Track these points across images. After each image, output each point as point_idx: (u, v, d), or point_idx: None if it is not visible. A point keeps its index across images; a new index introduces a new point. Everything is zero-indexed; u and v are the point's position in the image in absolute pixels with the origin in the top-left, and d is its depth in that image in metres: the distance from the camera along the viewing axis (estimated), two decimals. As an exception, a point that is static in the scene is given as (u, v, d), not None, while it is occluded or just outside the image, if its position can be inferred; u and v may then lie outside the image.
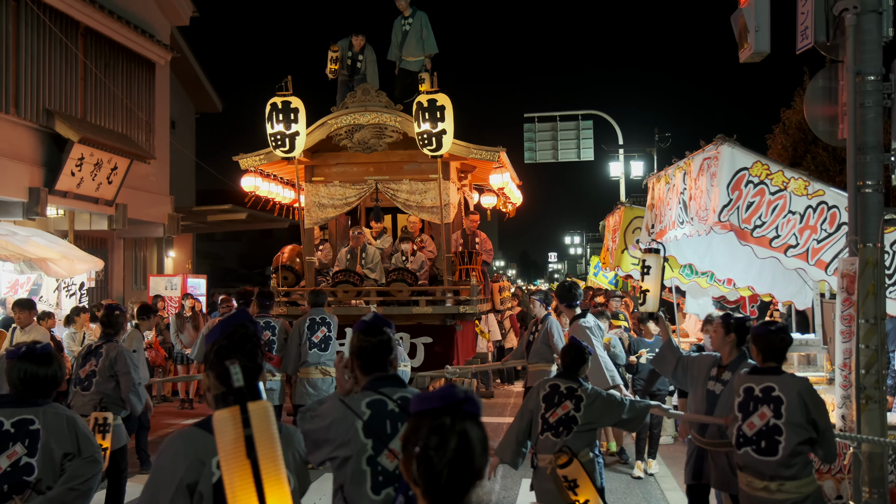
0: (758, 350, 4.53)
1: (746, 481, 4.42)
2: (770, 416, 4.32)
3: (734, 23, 5.84)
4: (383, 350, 3.28)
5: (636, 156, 25.19)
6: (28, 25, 12.69)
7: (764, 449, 4.31)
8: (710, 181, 5.76)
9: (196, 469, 2.51)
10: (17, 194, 12.29)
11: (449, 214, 10.70)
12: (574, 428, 4.82)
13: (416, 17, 11.43)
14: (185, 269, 19.51)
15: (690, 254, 7.61)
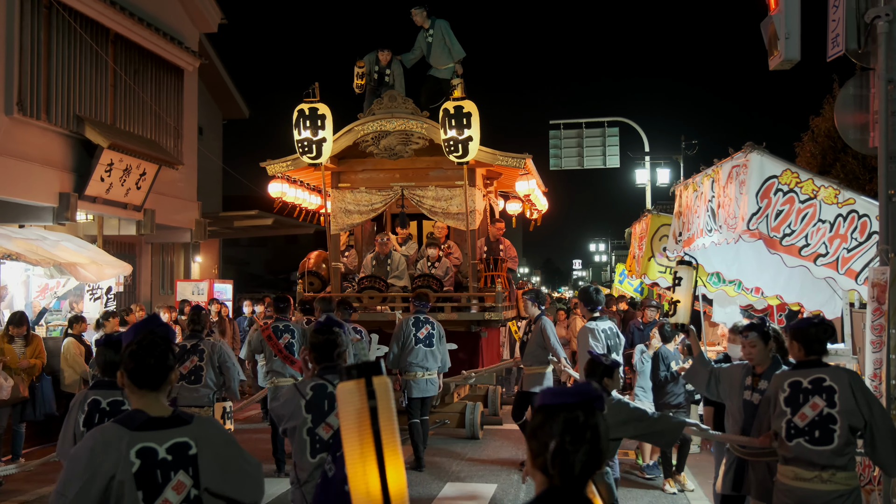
0: (799, 345, 4.54)
1: (794, 474, 4.41)
2: (823, 405, 4.33)
3: (764, 30, 5.80)
4: (330, 345, 4.05)
5: (662, 163, 25.06)
6: (59, 32, 12.86)
7: (818, 438, 4.32)
8: (739, 189, 5.71)
9: (115, 461, 2.74)
10: (48, 199, 12.44)
11: (474, 221, 10.71)
12: None
13: (436, 27, 11.47)
14: (211, 274, 19.65)
15: (718, 262, 7.55)
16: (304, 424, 3.92)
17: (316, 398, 3.95)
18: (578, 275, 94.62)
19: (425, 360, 8.84)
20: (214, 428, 3.07)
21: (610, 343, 7.65)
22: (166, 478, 2.82)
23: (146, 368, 2.91)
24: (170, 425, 2.90)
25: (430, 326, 8.96)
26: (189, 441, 2.90)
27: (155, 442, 2.84)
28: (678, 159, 24.91)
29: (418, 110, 10.75)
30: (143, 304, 14.41)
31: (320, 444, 3.88)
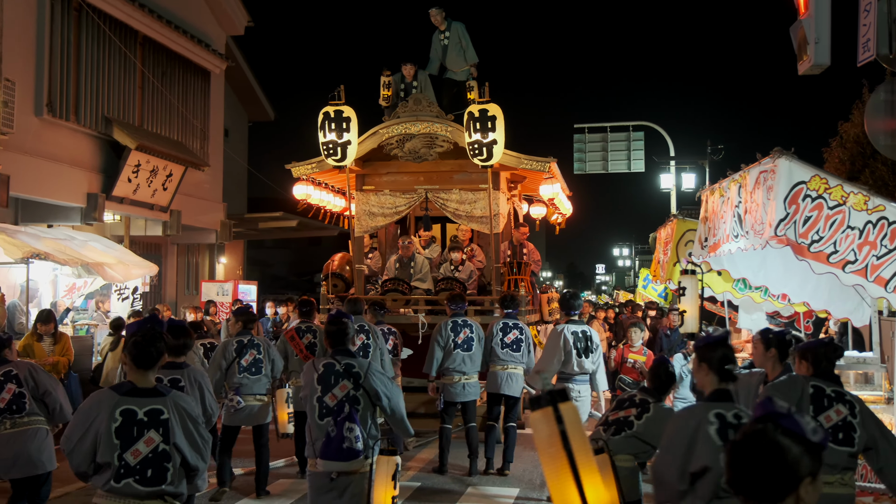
0: (809, 364, 4.53)
1: None
2: (846, 413, 4.33)
3: (793, 34, 5.76)
4: (341, 333, 5.00)
5: (688, 168, 24.90)
6: (89, 34, 13.00)
7: (841, 440, 4.32)
8: (767, 195, 5.67)
9: (104, 416, 3.70)
10: (76, 199, 12.57)
11: (498, 224, 10.70)
12: (625, 431, 5.03)
13: (453, 29, 11.48)
14: (235, 275, 19.78)
15: (744, 268, 7.50)
16: (315, 393, 4.85)
17: (325, 373, 4.87)
18: (601, 279, 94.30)
19: (463, 364, 8.72)
20: (185, 402, 3.96)
21: (579, 346, 7.61)
22: (140, 434, 3.74)
23: (146, 355, 3.85)
24: (150, 395, 3.84)
25: (469, 330, 8.83)
26: (162, 408, 3.80)
27: (136, 406, 3.77)
28: (704, 164, 24.75)
29: (443, 113, 10.75)
30: (168, 304, 14.52)
31: (326, 410, 4.82)
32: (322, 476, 4.75)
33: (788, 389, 4.51)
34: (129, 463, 3.70)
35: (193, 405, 4.14)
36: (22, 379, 5.84)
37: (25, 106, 11.62)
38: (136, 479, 3.73)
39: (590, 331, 7.98)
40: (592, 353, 7.74)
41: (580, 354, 7.61)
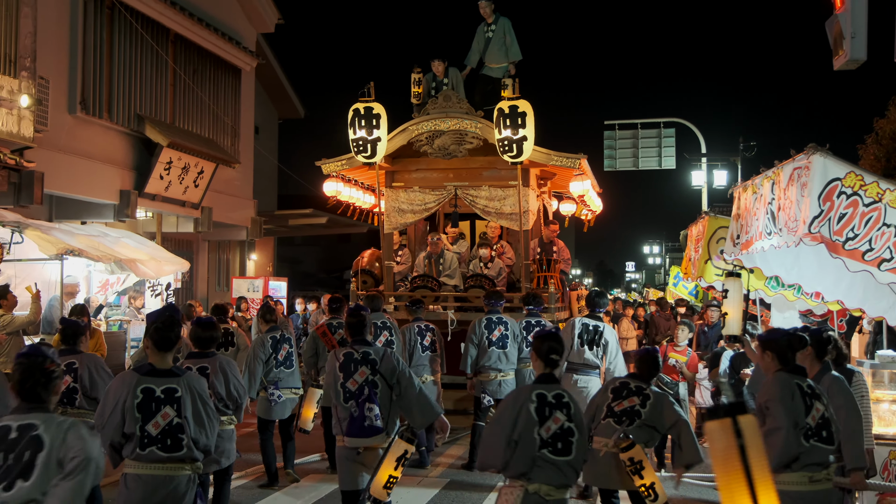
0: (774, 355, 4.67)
1: (808, 477, 4.40)
2: (823, 409, 4.51)
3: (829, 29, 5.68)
4: (360, 325, 5.56)
5: (719, 165, 24.66)
6: (121, 33, 13.13)
7: (826, 438, 4.47)
8: (801, 191, 5.58)
9: (126, 394, 4.24)
10: (109, 196, 12.70)
11: (528, 221, 10.66)
12: (637, 421, 5.44)
13: (500, 23, 11.43)
14: (266, 271, 19.90)
15: (777, 266, 7.39)
16: (338, 380, 5.39)
17: (345, 362, 5.43)
18: (632, 277, 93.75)
19: (498, 361, 8.72)
20: (197, 383, 4.50)
21: (585, 336, 8.02)
22: (157, 408, 4.28)
23: (165, 339, 4.39)
24: (167, 375, 4.37)
25: (504, 327, 8.83)
26: (177, 387, 4.33)
27: (154, 384, 4.32)
28: (736, 161, 24.49)
29: (472, 110, 10.73)
30: (199, 300, 14.64)
31: (349, 394, 5.37)
32: (350, 450, 5.38)
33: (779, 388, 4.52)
34: (151, 433, 4.25)
35: (205, 386, 4.63)
36: (80, 374, 5.95)
37: (59, 104, 11.75)
38: (158, 447, 4.26)
39: (602, 326, 8.21)
40: (597, 347, 8.04)
41: (584, 345, 8.00)
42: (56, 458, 3.37)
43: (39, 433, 3.41)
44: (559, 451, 4.31)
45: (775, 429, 4.37)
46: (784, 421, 4.37)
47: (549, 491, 4.29)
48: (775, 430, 4.37)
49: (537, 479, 4.28)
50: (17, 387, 3.54)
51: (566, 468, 4.32)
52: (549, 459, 4.29)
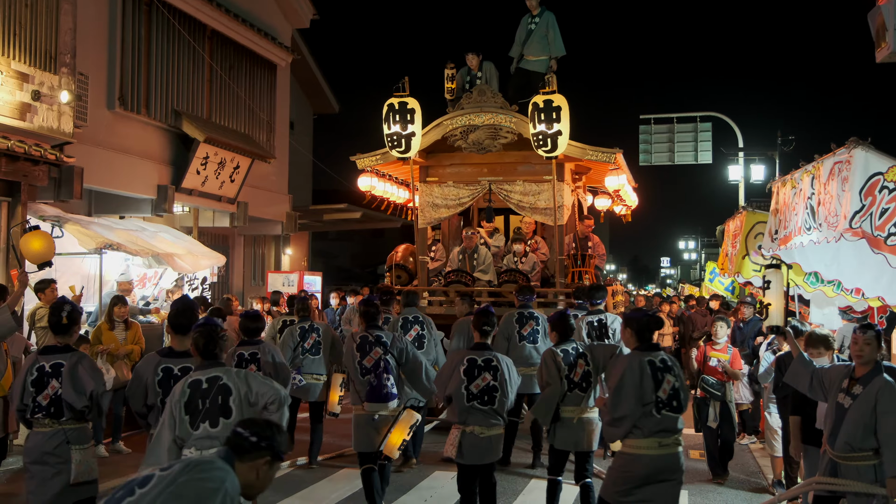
0: (633, 332, 5.13)
1: (658, 442, 4.94)
2: (674, 381, 5.00)
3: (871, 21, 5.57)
4: (372, 313, 6.72)
5: (757, 159, 24.30)
6: (159, 29, 13.26)
7: (675, 407, 4.99)
8: (842, 186, 5.50)
9: (149, 373, 4.95)
10: (147, 191, 12.84)
11: (563, 216, 10.61)
12: (592, 381, 6.34)
13: (544, 16, 11.35)
14: (300, 266, 20.01)
15: (816, 261, 7.29)
16: (355, 359, 6.58)
17: (361, 343, 6.60)
18: (666, 272, 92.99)
19: (530, 357, 8.74)
20: (86, 361, 5.22)
21: (593, 335, 8.45)
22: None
23: (179, 324, 5.09)
24: (183, 356, 5.01)
25: (535, 322, 8.83)
26: (191, 365, 4.82)
27: (172, 364, 5.00)
28: (773, 155, 24.13)
29: (507, 104, 10.69)
30: (235, 294, 14.77)
31: (365, 370, 6.54)
32: (367, 416, 6.46)
33: (626, 368, 4.98)
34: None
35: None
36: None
37: (98, 100, 11.90)
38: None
39: (605, 318, 8.58)
40: (608, 339, 8.40)
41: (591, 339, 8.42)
42: (247, 400, 4.44)
43: (225, 382, 4.45)
44: (485, 402, 5.89)
45: (626, 413, 4.90)
46: (630, 405, 4.90)
47: (481, 430, 5.91)
48: (625, 411, 4.90)
49: (471, 423, 5.91)
50: (200, 349, 4.59)
51: (492, 414, 5.91)
52: (479, 409, 5.89)
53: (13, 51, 9.31)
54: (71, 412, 5.06)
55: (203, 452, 4.28)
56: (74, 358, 5.15)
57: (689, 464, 8.83)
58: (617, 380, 5.04)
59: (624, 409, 4.94)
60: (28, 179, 9.47)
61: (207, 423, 4.36)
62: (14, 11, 9.37)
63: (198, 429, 4.38)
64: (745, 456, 9.25)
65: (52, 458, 5.03)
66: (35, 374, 5.08)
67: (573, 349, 6.38)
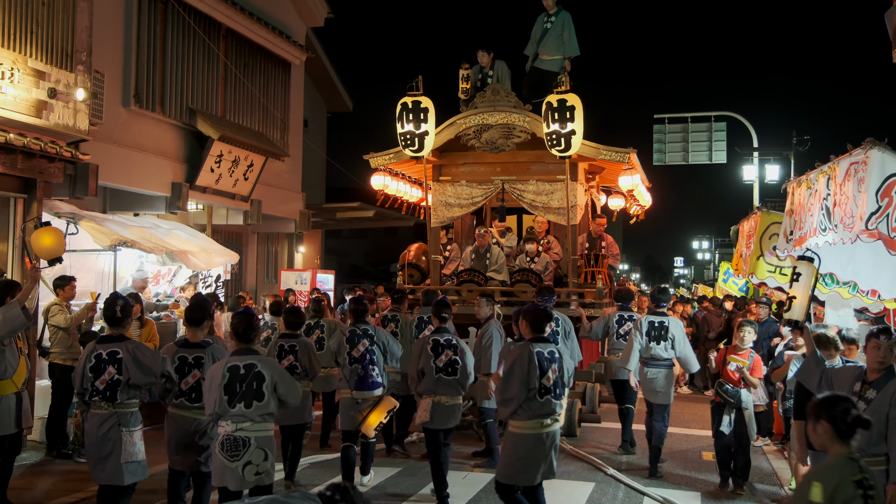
0: (528, 324, 5.99)
1: (540, 423, 5.81)
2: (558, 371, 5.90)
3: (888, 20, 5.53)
4: (361, 311, 7.72)
5: (772, 159, 24.20)
6: (174, 27, 13.30)
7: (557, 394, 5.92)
8: (858, 187, 5.46)
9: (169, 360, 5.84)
10: (161, 189, 12.88)
11: (576, 216, 10.59)
12: None
13: (560, 16, 11.33)
14: (313, 264, 20.04)
15: (832, 262, 7.24)
16: (344, 349, 7.50)
17: (350, 336, 7.52)
18: (680, 272, 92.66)
19: None
20: (219, 352, 5.95)
21: (652, 334, 8.74)
22: (189, 371, 5.91)
23: (194, 319, 6.02)
24: (196, 347, 5.98)
25: (554, 323, 8.87)
26: (203, 355, 5.92)
27: (187, 353, 5.95)
28: (789, 155, 24.02)
29: (521, 104, 10.67)
30: (248, 291, 14.81)
31: (353, 360, 7.45)
32: (352, 400, 7.47)
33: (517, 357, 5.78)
34: (182, 389, 5.87)
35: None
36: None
37: (114, 97, 11.95)
38: (186, 398, 5.89)
39: (667, 321, 8.73)
40: (665, 342, 8.65)
41: (651, 341, 8.68)
42: (275, 390, 5.30)
43: (259, 370, 5.27)
44: (450, 374, 7.19)
45: (513, 397, 5.71)
46: (517, 390, 5.70)
47: (447, 400, 7.22)
48: (513, 396, 5.71)
49: (440, 393, 7.22)
50: (238, 333, 5.41)
51: (456, 385, 7.25)
52: (445, 380, 7.22)
53: (30, 48, 9.37)
54: (127, 395, 5.58)
55: (238, 426, 5.21)
56: (131, 346, 5.62)
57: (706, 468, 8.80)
58: (509, 366, 5.86)
59: (511, 392, 5.73)
60: (44, 176, 9.52)
61: (242, 405, 5.22)
62: (31, 10, 9.42)
63: (234, 407, 5.22)
64: (759, 458, 9.20)
65: (105, 439, 5.53)
66: (93, 360, 5.57)
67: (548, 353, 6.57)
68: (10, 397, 6.76)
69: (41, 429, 8.98)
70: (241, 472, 5.20)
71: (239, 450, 5.20)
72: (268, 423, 5.33)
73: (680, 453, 9.56)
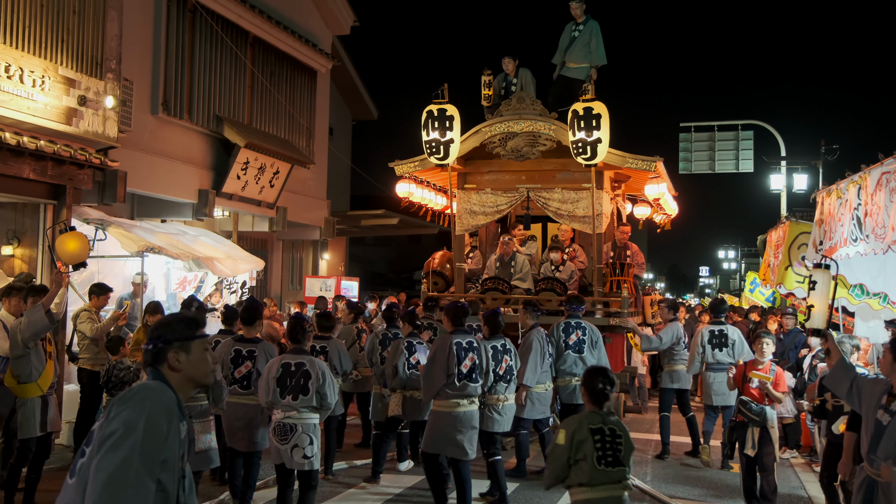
0: (448, 318, 7.00)
1: (457, 403, 6.73)
2: (475, 359, 6.88)
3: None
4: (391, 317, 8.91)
5: (800, 168, 23.95)
6: (202, 36, 13.42)
7: (474, 379, 6.82)
8: (890, 197, 5.40)
9: (224, 353, 6.71)
10: (188, 196, 12.98)
11: (601, 224, 10.54)
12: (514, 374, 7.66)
13: (588, 25, 11.30)
14: (338, 271, 20.11)
15: (862, 273, 7.16)
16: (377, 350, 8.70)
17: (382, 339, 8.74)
18: (705, 282, 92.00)
19: (574, 366, 8.77)
20: (269, 349, 6.82)
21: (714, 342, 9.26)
22: (242, 361, 6.73)
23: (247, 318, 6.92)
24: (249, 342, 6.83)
25: (581, 332, 8.86)
26: (255, 349, 6.74)
27: (241, 347, 6.78)
28: (817, 165, 23.77)
29: (546, 112, 10.65)
30: (274, 298, 14.88)
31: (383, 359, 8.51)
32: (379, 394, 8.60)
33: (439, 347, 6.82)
34: (236, 377, 6.68)
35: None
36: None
37: (142, 105, 12.07)
38: (239, 385, 6.69)
39: (727, 329, 9.27)
40: (727, 348, 9.15)
41: (714, 348, 9.18)
42: (319, 387, 6.09)
43: (307, 368, 6.12)
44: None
45: (434, 381, 6.71)
46: (438, 374, 6.68)
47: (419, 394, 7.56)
48: (433, 380, 6.72)
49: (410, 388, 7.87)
50: (290, 335, 6.35)
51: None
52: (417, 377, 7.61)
53: (61, 56, 9.48)
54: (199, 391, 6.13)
55: (286, 414, 6.09)
56: None
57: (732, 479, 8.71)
58: (432, 354, 6.90)
59: (433, 377, 6.74)
60: (73, 183, 9.62)
61: (290, 397, 6.07)
62: (62, 18, 9.54)
63: (284, 399, 6.08)
64: (786, 471, 9.09)
65: None
66: None
67: (501, 345, 7.44)
68: (35, 400, 6.82)
69: (69, 433, 9.05)
70: (290, 453, 6.11)
71: (287, 434, 6.10)
72: (312, 414, 6.16)
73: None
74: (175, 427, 2.83)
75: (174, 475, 2.83)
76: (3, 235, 9.69)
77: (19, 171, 8.89)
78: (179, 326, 3.00)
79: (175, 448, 2.83)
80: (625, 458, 4.46)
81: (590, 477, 4.37)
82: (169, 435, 2.78)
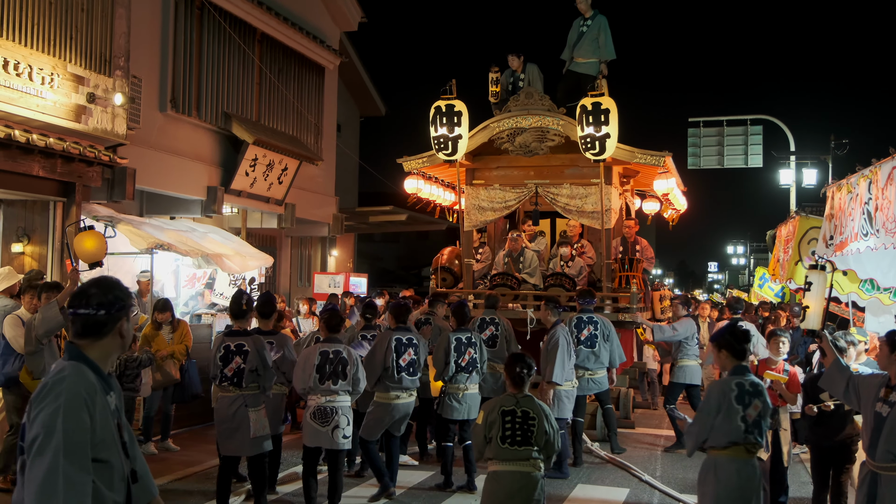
0: (392, 316, 7.59)
1: (396, 395, 7.37)
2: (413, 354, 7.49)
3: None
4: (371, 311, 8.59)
5: (809, 163, 23.86)
6: (210, 32, 13.43)
7: (412, 372, 7.44)
8: (900, 191, 5.36)
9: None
10: (197, 192, 12.99)
11: (610, 220, 10.52)
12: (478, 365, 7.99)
13: (596, 20, 11.26)
14: (346, 267, 20.11)
15: (872, 268, 7.11)
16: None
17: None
18: (714, 278, 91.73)
19: (586, 360, 8.96)
20: (259, 343, 6.46)
21: None
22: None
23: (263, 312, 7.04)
24: (268, 334, 6.91)
25: (593, 327, 8.97)
26: (244, 343, 6.37)
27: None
28: (826, 159, 23.67)
29: (555, 107, 10.63)
30: (282, 294, 14.89)
31: None
32: None
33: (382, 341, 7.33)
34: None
35: (289, 341, 7.32)
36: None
37: (151, 102, 12.08)
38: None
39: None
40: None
41: None
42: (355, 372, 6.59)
43: (344, 356, 6.59)
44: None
45: (372, 374, 7.20)
46: (377, 368, 7.23)
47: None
48: (375, 369, 7.24)
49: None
50: (327, 324, 6.78)
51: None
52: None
53: (69, 54, 9.50)
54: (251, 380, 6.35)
55: (326, 398, 6.54)
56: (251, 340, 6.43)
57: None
58: (372, 348, 7.42)
59: (373, 371, 7.22)
60: (82, 180, 9.65)
61: (329, 382, 6.53)
62: (71, 16, 9.56)
63: (324, 384, 6.52)
64: (795, 466, 9.06)
65: (232, 418, 6.32)
66: (222, 351, 6.41)
67: (466, 338, 7.78)
68: (49, 397, 6.84)
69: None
70: (331, 434, 6.53)
71: (328, 417, 6.53)
72: (348, 397, 6.65)
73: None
74: (101, 403, 2.71)
75: (115, 447, 2.74)
76: (13, 233, 9.72)
77: (29, 168, 8.92)
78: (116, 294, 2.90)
79: (109, 423, 2.73)
80: (537, 439, 4.84)
81: (495, 453, 4.88)
82: (95, 418, 2.66)
